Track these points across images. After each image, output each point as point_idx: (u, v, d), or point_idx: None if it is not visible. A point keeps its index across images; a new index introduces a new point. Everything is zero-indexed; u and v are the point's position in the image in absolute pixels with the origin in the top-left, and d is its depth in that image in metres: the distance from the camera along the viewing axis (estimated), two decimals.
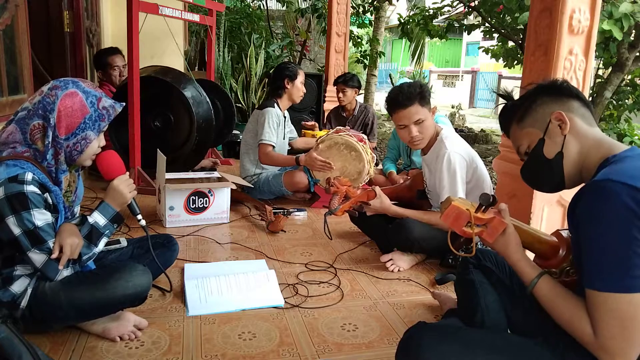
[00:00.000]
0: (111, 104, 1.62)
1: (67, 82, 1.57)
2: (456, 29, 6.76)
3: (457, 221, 1.32)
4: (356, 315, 1.94)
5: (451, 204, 1.33)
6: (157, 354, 1.62)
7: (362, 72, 11.26)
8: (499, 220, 1.30)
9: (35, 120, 1.51)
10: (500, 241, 1.30)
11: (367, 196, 2.37)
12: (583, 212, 1.08)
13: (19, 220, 1.44)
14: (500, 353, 1.21)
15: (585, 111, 1.26)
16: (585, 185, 1.12)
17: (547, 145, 1.26)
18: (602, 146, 1.20)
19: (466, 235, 1.33)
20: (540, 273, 1.23)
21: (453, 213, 1.32)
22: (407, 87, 2.27)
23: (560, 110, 1.24)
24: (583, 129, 1.23)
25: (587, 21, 2.26)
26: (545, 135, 1.26)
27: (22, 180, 1.44)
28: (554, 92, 1.28)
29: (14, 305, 1.52)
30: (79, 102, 1.54)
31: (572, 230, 1.17)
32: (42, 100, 1.52)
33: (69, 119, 1.53)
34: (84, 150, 1.59)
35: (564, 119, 1.22)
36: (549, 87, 1.29)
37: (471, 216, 1.30)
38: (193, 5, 4.88)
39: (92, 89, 1.59)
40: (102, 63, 3.99)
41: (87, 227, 1.60)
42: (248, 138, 3.49)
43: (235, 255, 2.54)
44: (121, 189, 1.66)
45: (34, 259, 1.48)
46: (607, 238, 1.03)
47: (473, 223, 1.30)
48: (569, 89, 1.28)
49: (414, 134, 2.28)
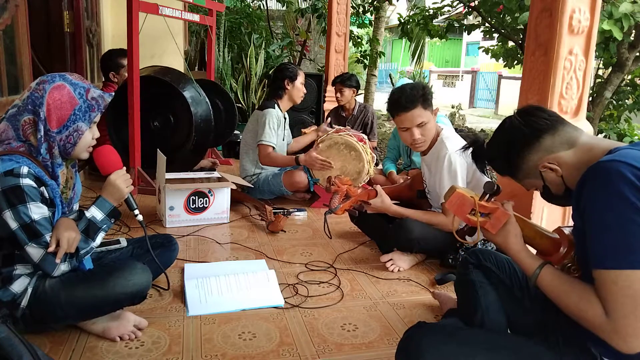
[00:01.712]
0: (100, 94, 1.62)
1: (54, 76, 1.57)
2: (456, 29, 6.76)
3: (461, 208, 1.33)
4: (356, 315, 1.94)
5: (456, 190, 1.34)
6: (157, 354, 1.62)
7: (362, 72, 11.25)
8: (502, 212, 1.30)
9: (25, 115, 1.51)
10: (501, 233, 1.30)
11: (367, 195, 2.37)
12: (587, 195, 1.07)
13: (15, 213, 1.44)
14: (500, 353, 1.21)
15: (561, 133, 1.23)
16: (587, 169, 1.11)
17: (553, 188, 1.27)
18: (598, 149, 1.18)
19: (470, 223, 1.34)
20: (542, 263, 1.22)
21: (457, 200, 1.33)
22: (409, 89, 2.24)
23: (544, 156, 1.23)
24: (572, 156, 1.21)
25: (587, 21, 2.26)
26: (545, 182, 1.27)
27: (17, 174, 1.44)
28: (523, 143, 1.25)
29: (14, 304, 1.52)
30: (67, 94, 1.54)
31: (577, 218, 1.15)
32: (31, 95, 1.52)
33: (58, 112, 1.53)
34: (77, 142, 1.59)
35: (551, 167, 1.22)
36: (517, 141, 1.26)
37: (476, 203, 1.31)
38: (193, 5, 4.88)
39: (79, 81, 1.59)
40: (114, 64, 3.97)
41: (84, 222, 1.60)
42: (248, 138, 3.48)
43: (235, 255, 2.54)
44: (118, 184, 1.66)
45: (31, 254, 1.48)
46: (614, 214, 1.02)
47: (477, 210, 1.31)
48: (533, 130, 1.24)
49: (416, 137, 2.28)
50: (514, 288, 1.49)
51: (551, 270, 1.20)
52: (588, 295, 1.08)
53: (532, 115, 1.27)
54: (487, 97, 17.57)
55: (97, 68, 4.96)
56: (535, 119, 1.25)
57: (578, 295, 1.11)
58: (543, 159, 1.23)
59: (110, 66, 3.96)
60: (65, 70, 4.30)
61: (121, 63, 3.91)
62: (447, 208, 1.36)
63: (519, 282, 1.48)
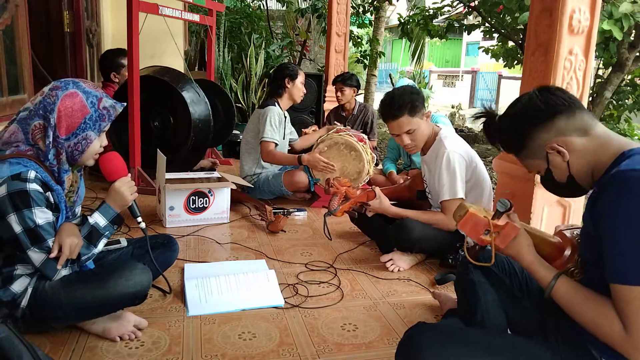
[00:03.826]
0: (112, 104, 1.62)
1: (68, 82, 1.57)
2: (456, 29, 6.75)
3: (474, 229, 1.29)
4: (356, 315, 1.94)
5: (468, 211, 1.29)
6: (157, 354, 1.62)
7: (362, 72, 11.24)
8: (511, 226, 1.27)
9: (36, 120, 1.52)
10: (513, 245, 1.28)
11: (366, 197, 2.37)
12: (607, 205, 1.05)
13: (20, 217, 1.44)
14: (500, 353, 1.21)
15: (576, 118, 1.20)
16: (607, 178, 1.09)
17: (556, 173, 1.25)
18: (610, 145, 1.16)
19: (484, 244, 1.31)
20: (557, 274, 1.19)
21: (471, 221, 1.29)
22: (398, 97, 2.28)
23: (553, 138, 1.20)
24: (583, 144, 1.19)
25: (587, 21, 2.26)
26: (549, 165, 1.24)
27: (24, 178, 1.45)
28: (537, 118, 1.22)
29: (14, 304, 1.53)
30: (79, 102, 1.55)
31: (589, 223, 1.12)
32: (43, 100, 1.53)
33: (69, 120, 1.53)
34: (85, 150, 1.59)
35: (559, 149, 1.20)
36: (531, 115, 1.24)
37: (490, 224, 1.27)
38: (193, 5, 4.88)
39: (92, 89, 1.59)
40: (115, 64, 3.96)
41: (87, 228, 1.60)
42: (249, 137, 3.48)
43: (235, 255, 2.54)
44: (123, 191, 1.67)
45: (33, 258, 1.48)
46: (639, 228, 0.99)
47: (492, 231, 1.27)
48: (549, 107, 1.21)
49: (406, 143, 2.33)
50: (513, 288, 1.49)
51: (566, 281, 1.18)
52: (605, 309, 1.06)
53: (552, 94, 1.23)
54: (487, 97, 17.54)
55: (97, 68, 4.96)
56: (554, 98, 1.22)
57: (594, 310, 1.09)
58: (552, 140, 1.20)
59: (111, 66, 3.96)
60: (65, 70, 4.32)
61: (122, 63, 3.91)
62: (460, 228, 1.32)
63: (518, 282, 1.48)
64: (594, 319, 1.09)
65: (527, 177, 2.28)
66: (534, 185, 2.29)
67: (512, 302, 1.48)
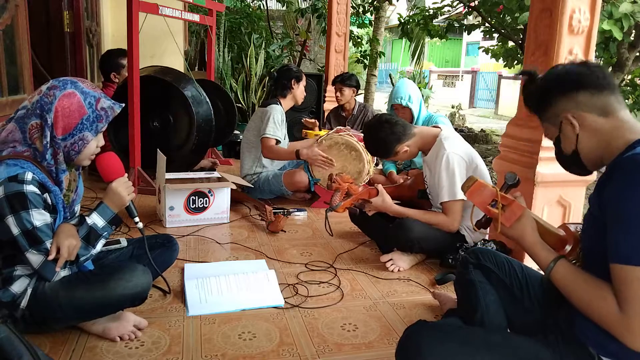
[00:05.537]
0: (110, 105, 1.61)
1: (66, 82, 1.56)
2: (456, 29, 6.76)
3: (482, 198, 1.33)
4: (356, 315, 1.94)
5: (477, 180, 1.33)
6: (157, 354, 1.62)
7: (362, 72, 11.25)
8: (517, 205, 1.30)
9: (33, 119, 1.51)
10: (517, 226, 1.30)
11: (368, 194, 2.37)
12: (616, 188, 1.06)
13: (17, 219, 1.44)
14: (500, 352, 1.21)
15: (601, 97, 1.19)
16: (616, 163, 1.09)
17: (564, 143, 1.26)
18: (629, 132, 1.15)
19: (491, 214, 1.33)
20: (557, 257, 1.22)
21: (479, 190, 1.33)
22: (371, 144, 2.43)
23: (572, 109, 1.21)
24: (597, 124, 1.19)
25: (587, 21, 2.26)
26: (560, 133, 1.26)
27: (22, 180, 1.44)
28: (564, 87, 1.23)
29: (14, 305, 1.52)
30: (77, 102, 1.54)
31: (595, 204, 1.13)
32: (40, 99, 1.52)
33: (66, 120, 1.52)
34: (82, 151, 1.59)
35: (572, 121, 1.21)
36: (561, 82, 1.25)
37: (497, 194, 1.30)
38: (193, 5, 4.88)
39: (91, 89, 1.58)
40: (115, 64, 3.96)
41: (85, 228, 1.59)
42: (250, 136, 3.48)
43: (235, 255, 2.54)
44: (120, 191, 1.66)
45: (32, 260, 1.48)
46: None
47: (499, 201, 1.30)
48: (578, 79, 1.22)
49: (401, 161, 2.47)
50: (513, 288, 1.48)
51: (566, 264, 1.20)
52: (603, 291, 1.07)
53: (588, 69, 1.23)
54: (487, 97, 17.57)
55: (97, 68, 4.95)
56: (588, 73, 1.22)
57: (592, 291, 1.10)
58: (570, 110, 1.21)
59: (111, 66, 3.96)
60: (65, 70, 4.32)
61: (122, 63, 3.91)
62: (468, 198, 1.36)
63: (518, 281, 1.48)
64: (590, 299, 1.10)
65: (527, 177, 2.28)
66: (534, 185, 2.29)
67: (512, 302, 1.48)
